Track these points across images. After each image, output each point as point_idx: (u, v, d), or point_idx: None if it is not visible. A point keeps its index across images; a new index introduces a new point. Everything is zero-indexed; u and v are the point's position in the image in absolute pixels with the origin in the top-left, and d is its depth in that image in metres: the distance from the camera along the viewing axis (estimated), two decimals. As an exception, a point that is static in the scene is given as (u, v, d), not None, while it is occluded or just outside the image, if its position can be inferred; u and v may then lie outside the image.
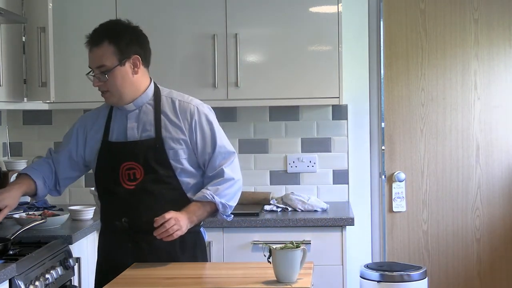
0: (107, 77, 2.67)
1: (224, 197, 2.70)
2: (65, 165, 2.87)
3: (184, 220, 2.60)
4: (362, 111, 4.26)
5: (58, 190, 2.91)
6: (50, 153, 2.92)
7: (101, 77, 2.68)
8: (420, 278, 3.78)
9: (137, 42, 2.73)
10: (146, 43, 2.78)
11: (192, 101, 2.78)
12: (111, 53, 2.66)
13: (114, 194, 2.72)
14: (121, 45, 2.67)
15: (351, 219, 3.62)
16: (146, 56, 2.77)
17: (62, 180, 2.89)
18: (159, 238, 2.57)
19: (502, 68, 4.25)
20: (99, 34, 2.70)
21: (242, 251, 3.63)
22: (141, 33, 2.77)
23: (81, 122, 2.89)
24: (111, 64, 2.67)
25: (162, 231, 2.55)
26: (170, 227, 2.55)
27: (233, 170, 2.75)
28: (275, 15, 3.86)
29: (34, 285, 2.63)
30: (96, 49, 2.68)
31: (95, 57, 2.69)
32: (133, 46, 2.71)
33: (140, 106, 2.75)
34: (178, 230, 2.57)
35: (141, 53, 2.73)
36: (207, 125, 2.75)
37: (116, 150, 2.74)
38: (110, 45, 2.66)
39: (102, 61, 2.67)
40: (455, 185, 4.28)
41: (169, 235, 2.56)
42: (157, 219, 2.55)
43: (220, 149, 2.74)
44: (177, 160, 2.70)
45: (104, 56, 2.66)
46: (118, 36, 2.68)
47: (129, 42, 2.70)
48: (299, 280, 2.34)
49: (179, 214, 2.60)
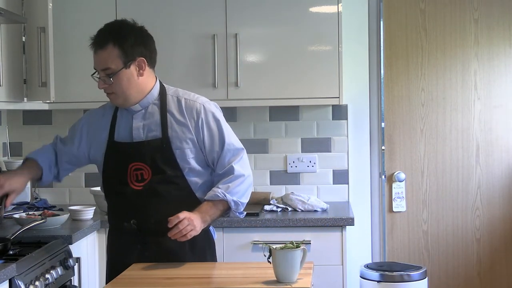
0: (112, 80, 2.65)
1: (236, 195, 2.68)
2: (66, 159, 2.88)
3: (198, 220, 2.58)
4: (362, 111, 4.26)
5: (59, 178, 2.93)
6: (57, 140, 2.92)
7: (106, 80, 2.67)
8: (420, 278, 3.78)
9: (142, 44, 2.70)
10: (152, 43, 2.76)
11: (198, 99, 2.77)
12: (116, 56, 2.64)
13: (122, 195, 2.71)
14: (126, 47, 2.65)
15: (351, 219, 3.62)
16: (151, 57, 2.75)
17: (62, 170, 2.90)
18: (173, 238, 2.55)
19: (502, 68, 4.25)
20: (103, 36, 2.67)
21: (242, 251, 3.63)
22: (146, 34, 2.75)
23: (86, 120, 2.88)
24: (116, 67, 2.65)
25: (176, 232, 2.53)
26: (183, 227, 2.53)
27: (242, 166, 2.73)
28: (275, 15, 3.86)
29: (34, 285, 2.63)
30: (101, 52, 2.66)
31: (100, 59, 2.67)
32: (138, 48, 2.68)
33: (146, 107, 2.74)
34: (192, 230, 2.55)
35: (146, 54, 2.71)
36: (214, 123, 2.74)
37: (122, 150, 2.73)
38: (115, 47, 2.64)
39: (107, 64, 2.65)
40: (455, 185, 4.28)
41: (183, 235, 2.54)
42: (171, 219, 2.53)
43: (228, 146, 2.73)
44: (184, 159, 2.69)
45: (109, 59, 2.64)
46: (123, 38, 2.65)
47: (134, 44, 2.67)
48: (299, 280, 2.34)
49: (192, 214, 2.58)
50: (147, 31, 2.76)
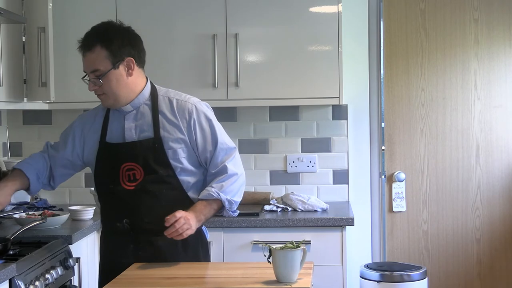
0: (101, 81, 2.66)
1: (229, 194, 2.70)
2: (60, 163, 2.87)
3: (194, 219, 2.61)
4: (362, 111, 4.26)
5: (52, 186, 2.92)
6: (47, 148, 2.92)
7: (96, 82, 2.68)
8: (420, 278, 3.78)
9: (129, 44, 2.71)
10: (139, 43, 2.76)
11: (189, 100, 2.78)
12: (104, 57, 2.66)
13: (114, 195, 2.72)
14: (113, 48, 2.66)
15: (351, 219, 3.62)
16: (140, 56, 2.76)
17: (57, 176, 2.89)
18: (169, 237, 2.57)
19: (502, 68, 4.25)
20: (90, 38, 2.69)
21: (242, 251, 3.63)
22: (133, 34, 2.76)
23: (79, 122, 2.88)
24: (105, 68, 2.66)
25: (172, 231, 2.55)
26: (180, 226, 2.55)
27: (235, 165, 2.75)
28: (275, 15, 3.86)
29: (34, 285, 2.63)
30: (89, 54, 2.67)
31: (89, 61, 2.68)
32: (126, 48, 2.69)
33: (138, 107, 2.75)
34: (188, 229, 2.58)
35: (134, 54, 2.72)
36: (206, 122, 2.75)
37: (114, 151, 2.74)
38: (103, 49, 2.66)
39: (96, 66, 2.66)
40: (455, 185, 4.28)
41: (179, 234, 2.56)
42: (168, 218, 2.55)
43: (221, 145, 2.74)
44: (176, 159, 2.70)
45: (97, 61, 2.66)
46: (110, 40, 2.67)
47: (121, 44, 2.68)
48: (299, 280, 2.34)
49: (188, 213, 2.60)
50: (134, 32, 2.77)
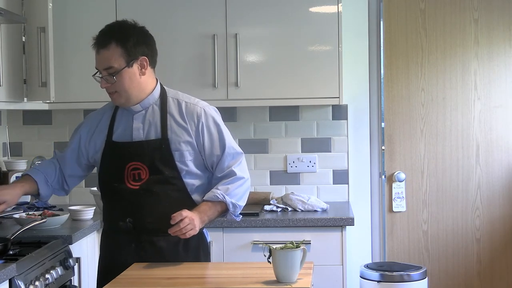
0: (115, 78, 2.67)
1: (234, 197, 2.71)
2: (70, 163, 2.88)
3: (198, 220, 2.62)
4: (362, 111, 4.26)
5: (66, 190, 2.93)
6: (56, 153, 2.95)
7: (109, 79, 2.68)
8: (420, 278, 3.78)
9: (144, 43, 2.73)
10: (153, 43, 2.78)
11: (198, 103, 2.79)
12: (119, 54, 2.66)
13: (118, 194, 2.73)
14: (128, 46, 2.67)
15: (351, 219, 3.62)
16: (153, 56, 2.77)
17: (68, 178, 2.89)
18: (173, 235, 2.58)
19: (502, 68, 4.25)
20: (106, 35, 2.69)
21: (242, 251, 3.63)
22: (147, 34, 2.77)
23: (86, 122, 2.89)
24: (119, 65, 2.67)
25: (176, 229, 2.56)
26: (184, 226, 2.56)
27: (241, 170, 2.76)
28: (275, 15, 3.86)
29: (34, 285, 2.63)
30: (103, 51, 2.67)
31: (103, 59, 2.68)
32: (141, 47, 2.71)
33: (147, 107, 2.76)
34: (191, 229, 2.59)
35: (148, 53, 2.73)
36: (215, 127, 2.76)
37: (121, 150, 2.74)
38: (118, 46, 2.66)
39: (110, 63, 2.66)
40: (455, 185, 4.28)
41: (182, 233, 2.57)
42: (174, 216, 2.56)
43: (229, 150, 2.76)
44: (182, 161, 2.71)
45: (112, 58, 2.66)
46: (126, 37, 2.68)
47: (136, 43, 2.69)
48: (299, 280, 2.34)
49: (193, 213, 2.61)
50: (148, 32, 2.79)
